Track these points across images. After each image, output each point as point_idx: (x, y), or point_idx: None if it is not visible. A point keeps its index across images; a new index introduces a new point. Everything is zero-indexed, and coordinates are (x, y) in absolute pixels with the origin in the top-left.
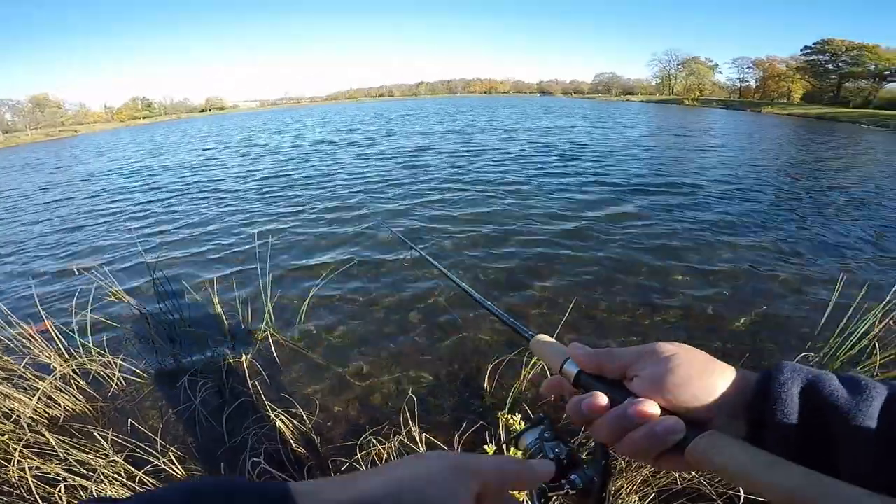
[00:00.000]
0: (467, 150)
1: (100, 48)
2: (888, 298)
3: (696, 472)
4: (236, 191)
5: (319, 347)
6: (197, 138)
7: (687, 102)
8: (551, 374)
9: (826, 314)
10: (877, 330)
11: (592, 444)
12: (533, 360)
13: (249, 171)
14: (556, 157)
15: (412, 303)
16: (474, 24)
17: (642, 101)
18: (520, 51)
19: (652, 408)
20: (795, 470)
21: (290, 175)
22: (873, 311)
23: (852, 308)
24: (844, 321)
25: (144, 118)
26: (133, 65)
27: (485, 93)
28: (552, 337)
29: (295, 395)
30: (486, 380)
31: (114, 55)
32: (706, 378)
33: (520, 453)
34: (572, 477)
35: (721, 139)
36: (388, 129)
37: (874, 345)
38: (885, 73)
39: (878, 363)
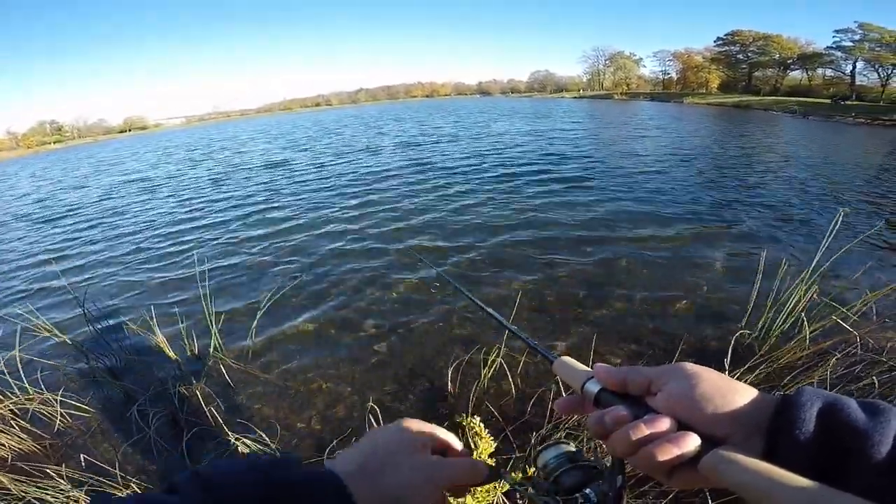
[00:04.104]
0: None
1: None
2: (807, 272)
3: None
4: (167, 215)
5: (273, 367)
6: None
7: (617, 97)
8: (572, 394)
9: (755, 292)
10: (803, 303)
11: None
12: (492, 359)
13: (181, 195)
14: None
15: (365, 311)
16: (414, 28)
17: (575, 98)
18: (458, 51)
19: (668, 422)
20: (806, 484)
21: (223, 193)
22: (797, 284)
23: (776, 283)
24: (772, 297)
25: (56, 143)
26: (41, 88)
27: (427, 96)
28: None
29: (254, 418)
30: (449, 382)
31: (16, 79)
32: (727, 396)
33: (531, 470)
34: (587, 491)
35: (667, 137)
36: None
37: (802, 318)
38: (788, 61)
39: (808, 336)
